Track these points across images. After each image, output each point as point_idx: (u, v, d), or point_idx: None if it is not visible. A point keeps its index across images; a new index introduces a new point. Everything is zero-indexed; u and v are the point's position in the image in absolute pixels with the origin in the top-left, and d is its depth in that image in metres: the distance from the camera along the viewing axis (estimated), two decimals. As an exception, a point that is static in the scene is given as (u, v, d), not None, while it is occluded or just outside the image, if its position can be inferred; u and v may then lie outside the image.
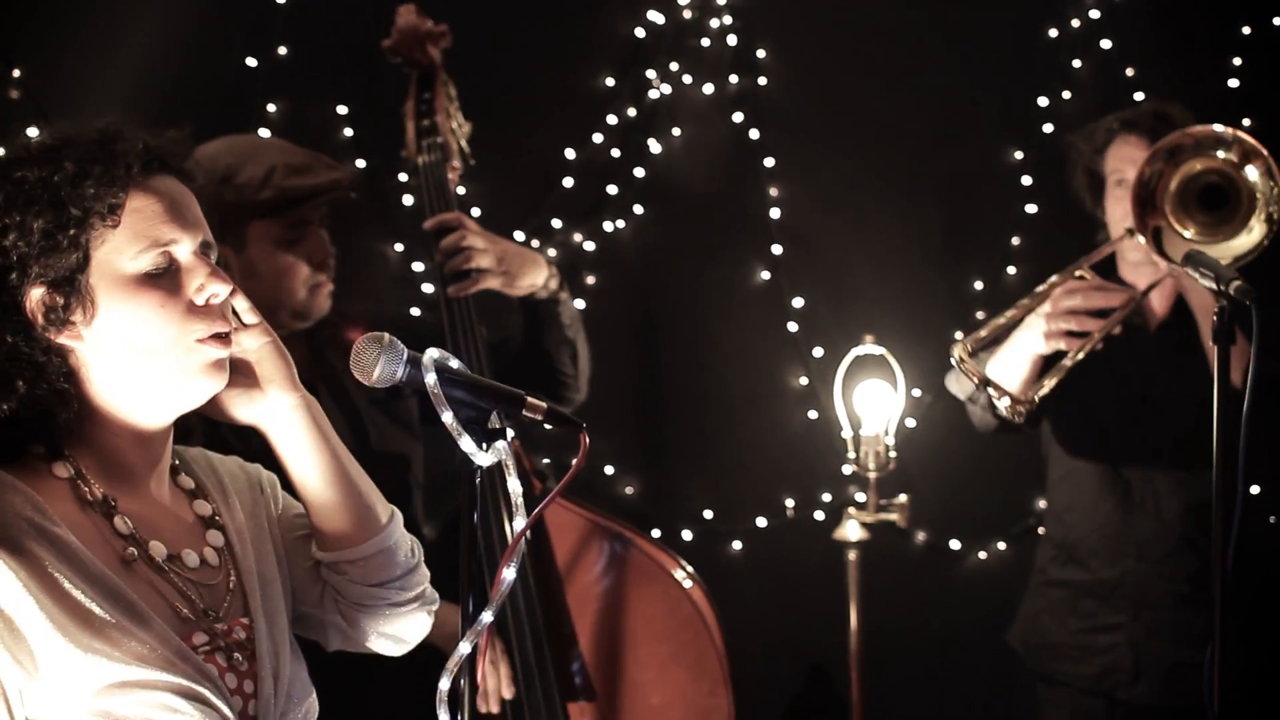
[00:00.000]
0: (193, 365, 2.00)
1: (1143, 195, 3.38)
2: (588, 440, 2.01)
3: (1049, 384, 3.47)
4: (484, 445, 1.99)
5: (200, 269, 2.01)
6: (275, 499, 2.24)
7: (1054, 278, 3.52)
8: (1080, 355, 3.47)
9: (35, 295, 1.94)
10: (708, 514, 4.72)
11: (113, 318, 1.96)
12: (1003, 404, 3.48)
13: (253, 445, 2.23)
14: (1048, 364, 3.52)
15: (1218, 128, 3.36)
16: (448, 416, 1.96)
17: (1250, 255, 3.29)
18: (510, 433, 2.01)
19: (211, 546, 2.09)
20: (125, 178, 1.97)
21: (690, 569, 3.53)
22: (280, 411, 2.11)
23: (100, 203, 1.95)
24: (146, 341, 1.97)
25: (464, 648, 1.97)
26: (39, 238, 1.93)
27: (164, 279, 1.99)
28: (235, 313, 2.08)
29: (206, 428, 2.74)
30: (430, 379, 1.96)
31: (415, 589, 2.22)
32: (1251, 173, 3.29)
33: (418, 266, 4.43)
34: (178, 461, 2.15)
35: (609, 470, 4.64)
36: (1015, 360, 3.54)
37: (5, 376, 1.93)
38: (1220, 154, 3.34)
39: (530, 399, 2.02)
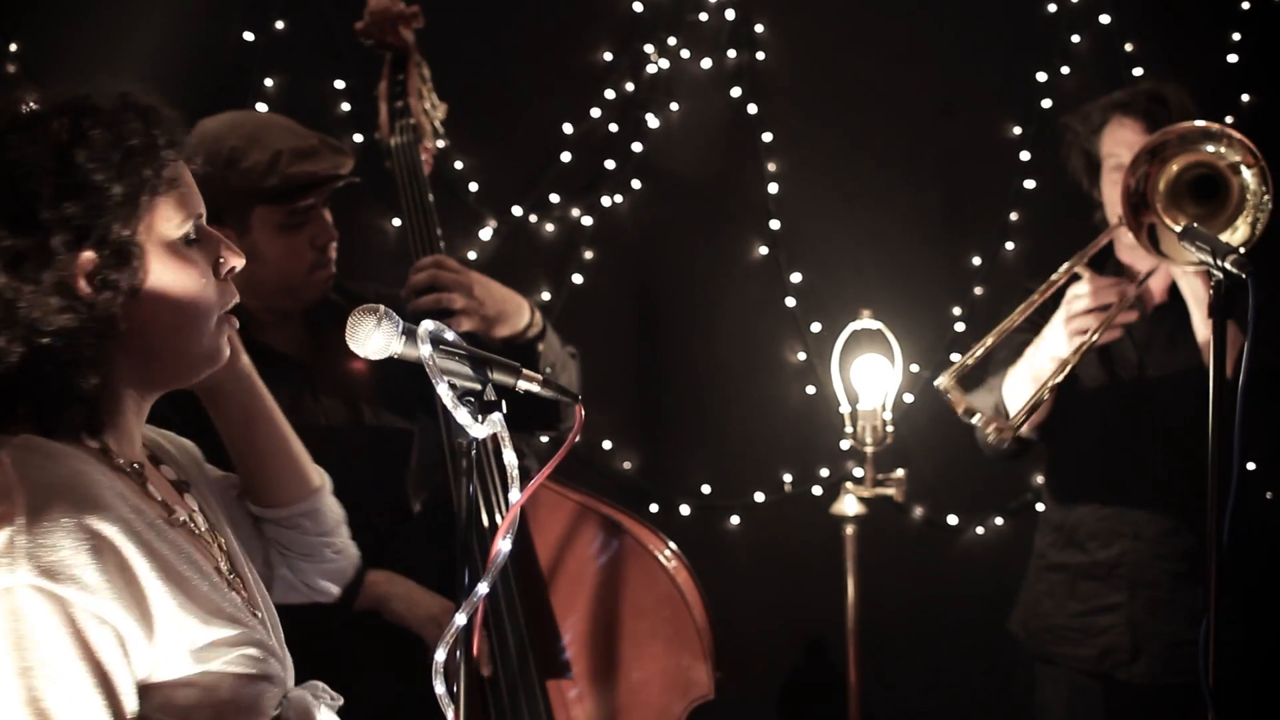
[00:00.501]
0: (219, 337, 2.02)
1: (1133, 200, 3.37)
2: (583, 413, 2.02)
3: (1042, 396, 3.47)
4: (479, 417, 1.99)
5: (217, 241, 2.03)
6: (203, 465, 2.27)
7: (1043, 286, 3.51)
8: (1069, 367, 3.48)
9: (85, 258, 1.89)
10: (705, 489, 4.73)
11: (160, 284, 1.94)
12: (988, 432, 3.48)
13: (189, 417, 2.24)
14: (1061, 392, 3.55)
15: (1204, 124, 3.35)
16: (443, 388, 1.96)
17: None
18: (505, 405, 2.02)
19: (196, 511, 2.10)
20: (180, 143, 1.98)
21: (674, 546, 3.53)
22: (233, 376, 2.16)
23: (167, 169, 1.95)
24: (187, 308, 1.97)
25: (460, 619, 1.98)
26: (117, 201, 1.89)
27: (197, 248, 1.99)
28: None
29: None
30: (425, 350, 1.96)
31: (346, 538, 2.39)
32: (1246, 174, 3.28)
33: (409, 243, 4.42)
34: None
35: (607, 445, 4.65)
36: (1039, 369, 3.55)
37: (78, 346, 1.89)
38: (1209, 148, 3.33)
39: (526, 370, 2.02)
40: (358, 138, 4.35)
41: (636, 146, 4.63)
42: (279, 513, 2.22)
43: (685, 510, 4.69)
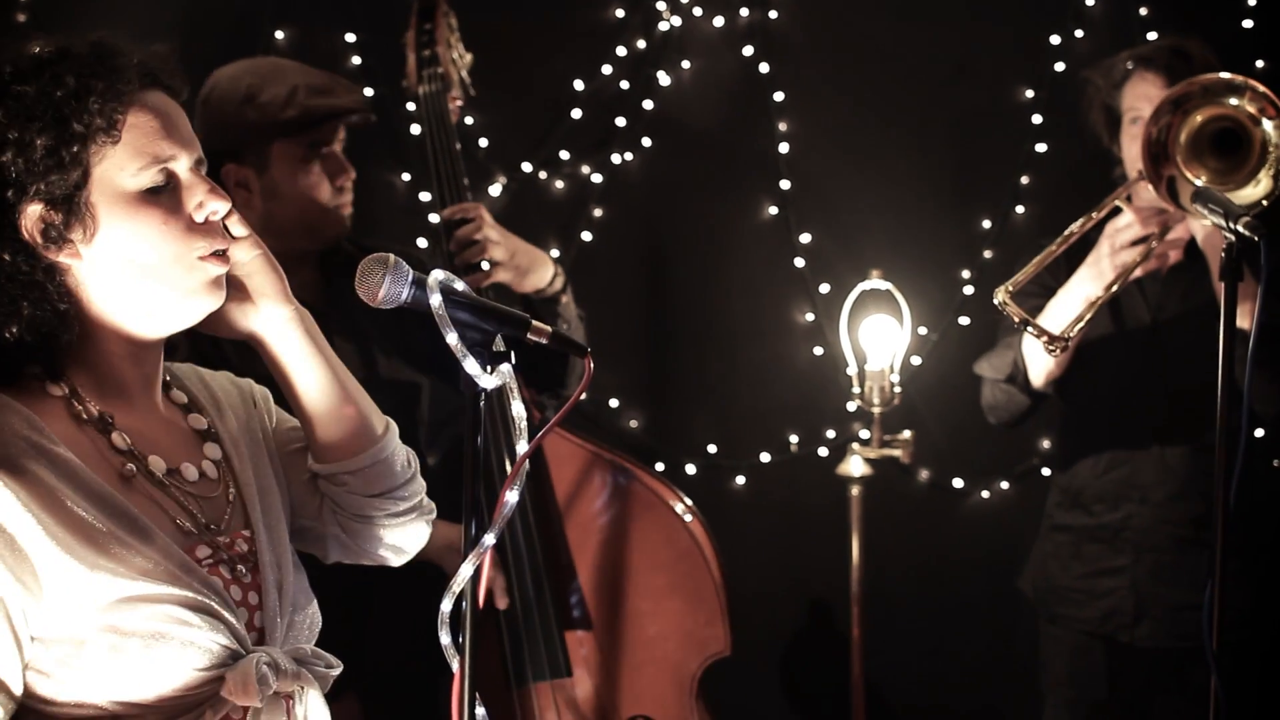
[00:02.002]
0: (194, 282, 2.00)
1: (1154, 150, 3.36)
2: (592, 366, 2.02)
3: (1087, 316, 3.47)
4: (488, 368, 1.99)
5: (199, 185, 2.01)
6: (269, 412, 2.25)
7: (1082, 219, 3.49)
8: (1110, 293, 3.49)
9: (32, 212, 1.92)
10: (712, 448, 4.73)
11: (114, 235, 1.95)
12: (1041, 343, 3.46)
13: (250, 362, 2.23)
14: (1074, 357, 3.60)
15: (1228, 75, 3.33)
16: (452, 338, 1.96)
17: (1254, 209, 3.26)
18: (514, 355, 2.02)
19: (209, 459, 2.09)
20: (126, 93, 1.95)
21: (689, 501, 3.54)
22: (275, 324, 2.11)
23: (103, 118, 1.93)
24: (148, 259, 1.96)
25: (466, 569, 1.98)
26: (41, 155, 1.90)
27: (164, 196, 1.98)
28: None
29: (194, 343, 2.75)
30: (435, 300, 1.96)
31: (413, 499, 2.25)
32: (1267, 125, 3.27)
33: (424, 196, 4.42)
34: (169, 377, 2.15)
35: (614, 403, 4.65)
36: (1069, 307, 3.55)
37: (8, 299, 1.92)
38: (1233, 100, 3.31)
39: (535, 322, 2.02)
40: (369, 91, 4.34)
41: (647, 104, 4.62)
42: (326, 468, 2.20)
43: (691, 470, 4.69)
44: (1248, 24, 4.68)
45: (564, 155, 4.59)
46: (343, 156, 3.40)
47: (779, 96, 4.67)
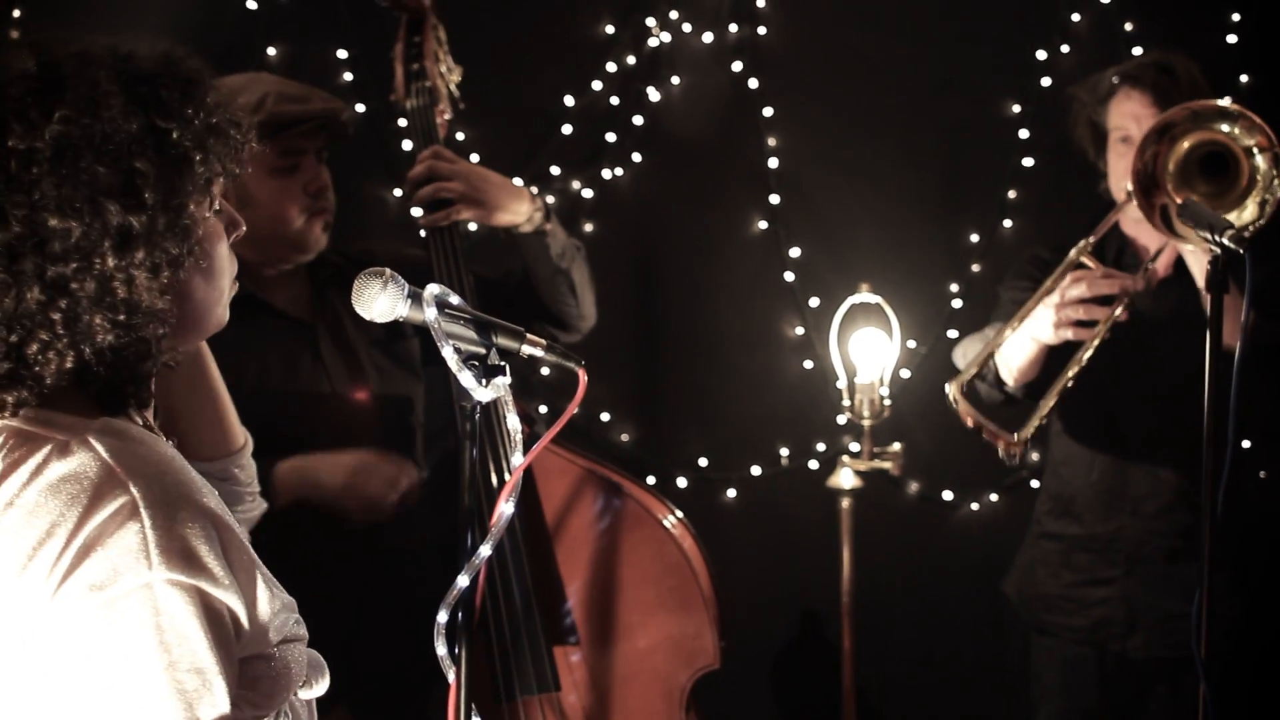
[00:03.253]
0: (225, 312, 1.99)
1: (1144, 182, 3.37)
2: (586, 377, 2.03)
3: (1049, 404, 3.51)
4: (483, 381, 2.01)
5: (229, 211, 1.98)
6: None
7: (1049, 280, 3.52)
8: (1081, 363, 3.50)
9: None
10: (702, 461, 4.75)
11: (205, 262, 1.90)
12: (998, 448, 3.52)
13: None
14: (1052, 353, 3.57)
15: (1221, 103, 3.35)
16: (448, 351, 1.98)
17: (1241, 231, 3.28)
18: (509, 369, 2.03)
19: None
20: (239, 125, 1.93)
21: (680, 514, 3.55)
22: None
23: (246, 151, 1.93)
24: (222, 284, 1.95)
25: (462, 581, 2.00)
26: (202, 180, 1.85)
27: (220, 219, 1.95)
28: None
29: None
30: (430, 314, 1.98)
31: (258, 491, 2.39)
32: (1256, 154, 3.28)
33: (417, 212, 4.43)
34: None
35: (605, 417, 4.66)
36: (1023, 346, 3.57)
37: (150, 328, 1.82)
38: (1224, 127, 3.32)
39: (530, 335, 2.04)
40: (360, 107, 4.36)
41: (637, 119, 4.64)
42: (213, 466, 2.25)
43: (682, 482, 4.71)
44: (1232, 39, 4.70)
45: (554, 170, 4.61)
46: (321, 168, 3.40)
47: (768, 111, 4.69)
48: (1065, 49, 4.72)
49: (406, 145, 4.30)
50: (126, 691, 1.68)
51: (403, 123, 3.80)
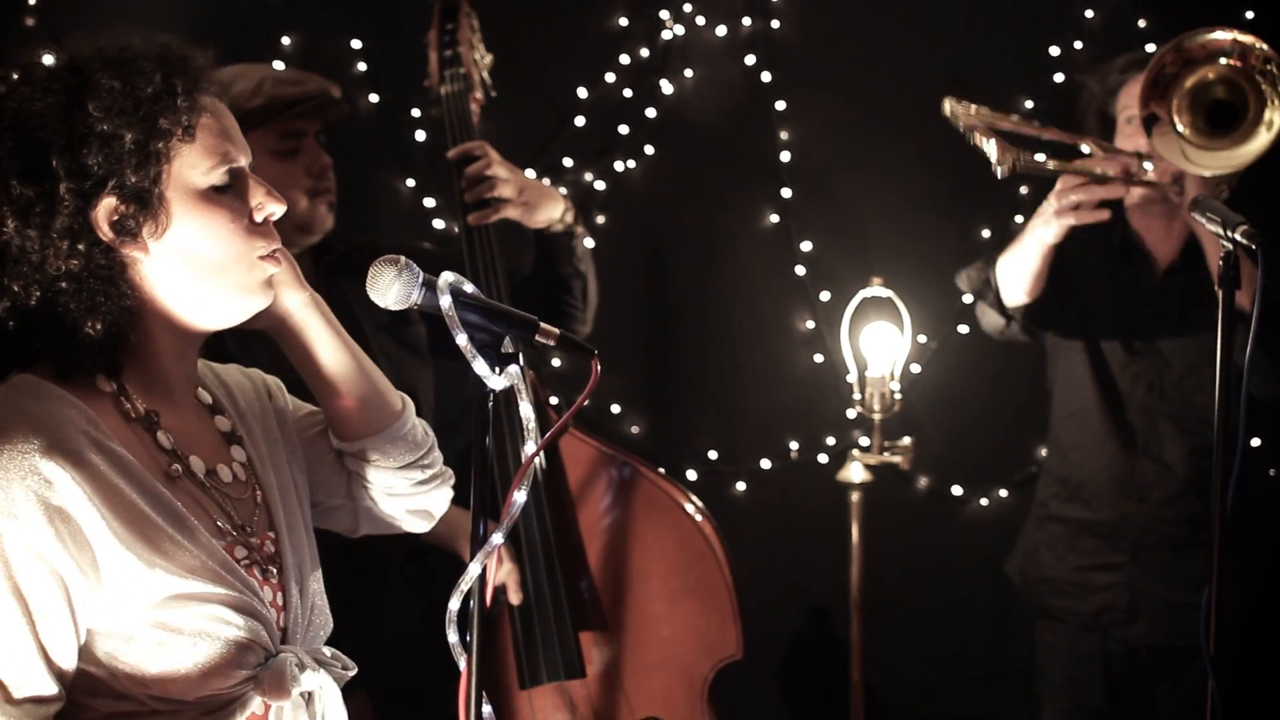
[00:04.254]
0: (253, 281, 2.04)
1: (1153, 88, 3.41)
2: (599, 367, 2.04)
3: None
4: (497, 369, 2.01)
5: (259, 187, 2.05)
6: (286, 402, 2.29)
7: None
8: None
9: (107, 205, 1.93)
10: (712, 454, 4.75)
11: (183, 231, 1.97)
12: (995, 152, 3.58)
13: (253, 354, 2.25)
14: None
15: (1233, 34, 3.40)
16: (462, 339, 1.99)
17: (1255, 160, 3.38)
18: (523, 357, 2.04)
19: (237, 461, 2.12)
20: (202, 94, 2.00)
21: (699, 503, 3.56)
22: (295, 310, 2.15)
23: (186, 116, 1.96)
24: (214, 255, 1.99)
25: (474, 568, 2.00)
26: (129, 149, 1.92)
27: (229, 195, 2.01)
28: None
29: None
30: (445, 302, 1.99)
31: (435, 466, 2.33)
32: (1261, 82, 3.32)
33: (429, 202, 4.44)
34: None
35: (615, 409, 4.67)
36: (1027, 255, 3.65)
37: (88, 293, 1.93)
38: (1223, 60, 3.38)
39: (544, 324, 2.04)
40: (373, 98, 4.36)
41: (650, 112, 4.65)
42: (352, 446, 2.24)
43: (692, 475, 4.71)
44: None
45: (567, 162, 4.61)
46: (319, 146, 3.42)
47: (781, 105, 4.70)
48: (1079, 45, 4.72)
49: (420, 135, 4.31)
50: None
51: (416, 113, 3.83)
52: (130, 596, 1.88)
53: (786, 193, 4.71)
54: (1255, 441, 4.47)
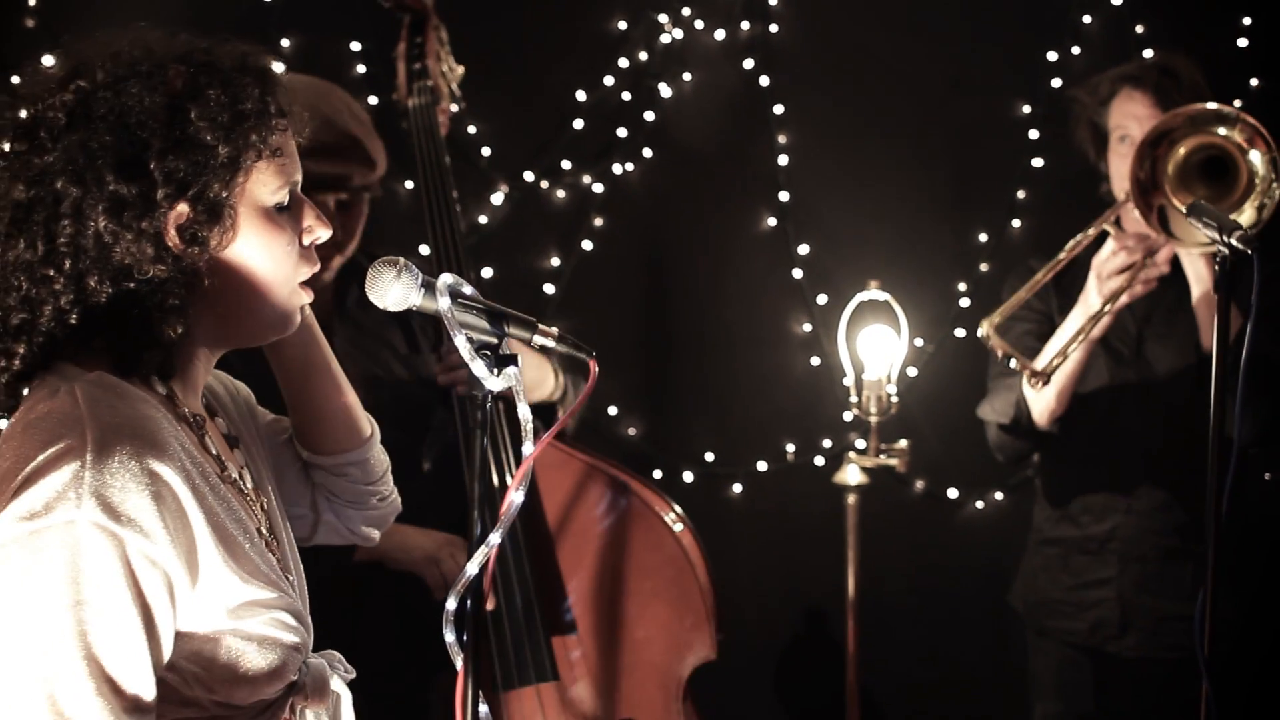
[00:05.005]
0: (291, 305, 2.02)
1: (1143, 186, 3.39)
2: (597, 369, 2.05)
3: (1071, 350, 3.51)
4: (495, 371, 2.02)
5: (309, 210, 2.03)
6: (255, 408, 2.28)
7: (1070, 244, 3.53)
8: (1100, 324, 3.51)
9: (178, 211, 1.90)
10: (709, 456, 4.77)
11: (246, 246, 1.95)
12: (1025, 377, 3.50)
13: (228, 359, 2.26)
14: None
15: (1216, 106, 3.36)
16: (461, 341, 2.00)
17: None
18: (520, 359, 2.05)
19: (240, 464, 2.11)
20: (286, 113, 1.99)
21: (678, 509, 3.57)
22: (300, 327, 2.15)
23: (275, 137, 1.96)
24: (266, 275, 1.97)
25: (471, 569, 2.01)
26: (222, 162, 1.90)
27: (286, 215, 2.00)
28: None
29: None
30: (444, 303, 2.00)
31: (391, 486, 2.38)
32: (1255, 157, 3.29)
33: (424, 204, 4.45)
34: None
35: (613, 411, 4.68)
36: (1062, 343, 3.58)
37: (166, 295, 1.90)
38: (1222, 130, 3.33)
39: (542, 325, 2.05)
40: (372, 100, 4.37)
41: (649, 115, 4.66)
42: (328, 460, 2.24)
43: (689, 477, 4.73)
44: (1243, 43, 4.73)
45: (566, 165, 4.62)
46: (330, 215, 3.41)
47: (779, 109, 4.71)
48: (1076, 50, 4.74)
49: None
50: (30, 622, 1.73)
51: (400, 123, 3.83)
52: (216, 601, 1.86)
53: (784, 196, 4.73)
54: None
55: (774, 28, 4.70)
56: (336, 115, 3.34)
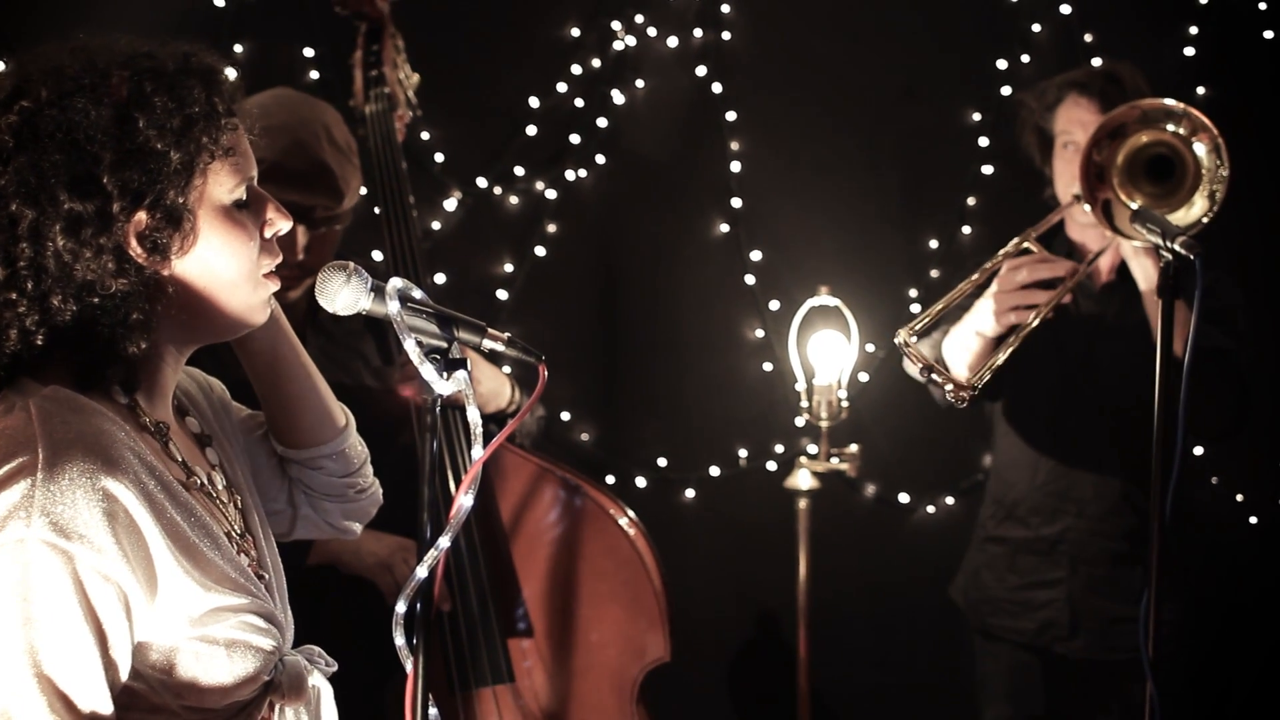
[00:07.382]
0: (257, 299, 2.02)
1: (1091, 171, 3.39)
2: (546, 373, 2.06)
3: (999, 359, 3.48)
4: (445, 375, 2.03)
5: (268, 203, 2.02)
6: (229, 404, 2.28)
7: (999, 254, 3.49)
8: (1025, 333, 3.47)
9: (138, 220, 1.88)
10: (662, 462, 4.78)
11: (206, 249, 1.94)
12: (946, 390, 3.45)
13: (216, 351, 2.26)
14: (1000, 342, 3.46)
15: (1168, 102, 3.37)
16: (410, 344, 2.00)
17: (1190, 230, 3.24)
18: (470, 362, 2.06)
19: (216, 467, 2.11)
20: (236, 112, 1.98)
21: (631, 514, 3.59)
22: (266, 321, 2.14)
23: (226, 137, 1.95)
24: (229, 273, 1.96)
25: (420, 573, 2.02)
26: (176, 169, 1.89)
27: (245, 211, 1.99)
28: None
29: None
30: (394, 307, 2.01)
31: (371, 477, 2.38)
32: (1199, 148, 3.31)
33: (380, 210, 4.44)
34: None
35: (565, 416, 4.69)
36: (967, 340, 3.53)
37: (124, 311, 1.89)
38: (1169, 127, 3.36)
39: (491, 330, 2.06)
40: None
41: (602, 122, 4.67)
42: (303, 454, 2.24)
43: (641, 482, 4.74)
44: (1189, 52, 4.77)
45: (519, 171, 4.63)
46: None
47: (731, 116, 4.73)
48: (1026, 58, 4.78)
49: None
50: None
51: (357, 130, 3.83)
52: (177, 611, 1.86)
53: (736, 202, 4.75)
54: (1198, 450, 4.52)
55: (726, 35, 4.72)
56: (311, 140, 3.32)
